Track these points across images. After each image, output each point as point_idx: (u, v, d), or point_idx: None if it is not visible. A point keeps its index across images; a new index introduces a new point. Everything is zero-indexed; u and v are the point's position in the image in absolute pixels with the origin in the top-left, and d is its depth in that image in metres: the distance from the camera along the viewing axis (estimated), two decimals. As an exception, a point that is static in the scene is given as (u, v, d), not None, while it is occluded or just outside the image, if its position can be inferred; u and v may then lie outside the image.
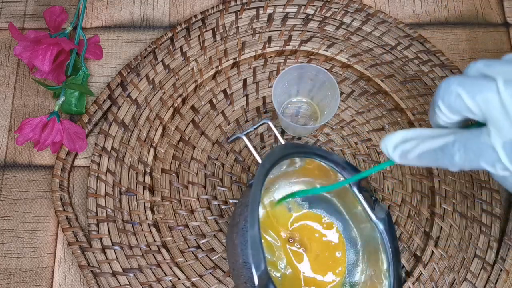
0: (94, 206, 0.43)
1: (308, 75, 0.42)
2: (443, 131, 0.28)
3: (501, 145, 0.24)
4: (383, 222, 0.38)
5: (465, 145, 0.26)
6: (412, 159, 0.28)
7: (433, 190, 0.44)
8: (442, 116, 0.28)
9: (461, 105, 0.26)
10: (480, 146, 0.25)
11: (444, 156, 0.26)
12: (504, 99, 0.24)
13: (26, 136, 0.43)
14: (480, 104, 0.25)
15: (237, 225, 0.33)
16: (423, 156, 0.27)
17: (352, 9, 0.50)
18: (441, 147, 0.27)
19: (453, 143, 0.26)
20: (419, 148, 0.27)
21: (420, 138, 0.28)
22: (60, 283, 0.42)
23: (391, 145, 0.29)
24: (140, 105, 0.46)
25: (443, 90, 0.26)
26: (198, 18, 0.49)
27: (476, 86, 0.25)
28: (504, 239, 0.43)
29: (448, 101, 0.26)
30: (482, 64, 0.26)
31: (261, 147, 0.46)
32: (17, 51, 0.44)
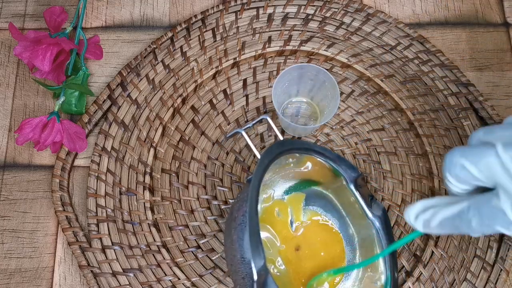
0: (94, 206, 0.43)
1: (308, 75, 0.42)
2: (458, 198, 0.28)
3: (510, 208, 0.25)
4: (379, 220, 0.38)
5: (479, 210, 0.26)
6: (435, 227, 0.28)
7: (433, 190, 0.44)
8: (452, 187, 0.28)
9: (466, 175, 0.27)
10: (492, 210, 0.26)
11: (462, 222, 0.27)
12: (505, 162, 0.25)
13: (26, 136, 0.43)
14: (483, 171, 0.26)
15: (235, 220, 0.33)
16: (444, 223, 0.28)
17: (352, 9, 0.50)
18: (458, 213, 0.27)
19: (468, 209, 0.27)
20: (439, 216, 0.28)
21: (439, 206, 0.28)
22: (60, 283, 0.42)
23: (412, 215, 0.29)
24: (140, 105, 0.46)
25: (448, 163, 0.27)
26: (198, 18, 0.49)
27: (477, 154, 0.26)
28: (504, 239, 0.43)
29: (455, 173, 0.27)
30: (482, 132, 0.27)
31: (261, 147, 0.46)
32: (17, 51, 0.44)
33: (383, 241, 0.38)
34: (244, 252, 0.31)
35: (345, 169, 0.39)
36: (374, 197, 0.40)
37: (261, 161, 0.34)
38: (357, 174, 0.39)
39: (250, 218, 0.31)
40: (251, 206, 0.31)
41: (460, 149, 0.27)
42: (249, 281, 0.31)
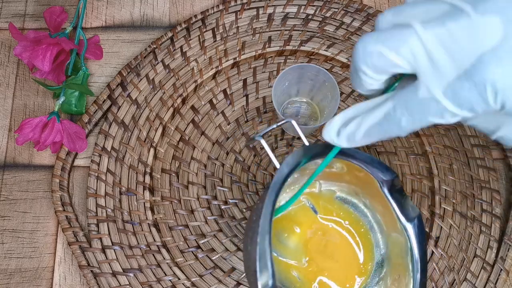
0: (94, 206, 0.43)
1: (308, 75, 0.42)
2: (378, 99, 0.26)
3: (442, 94, 0.23)
4: (413, 225, 0.35)
5: (406, 106, 0.24)
6: (361, 139, 0.26)
7: (433, 190, 0.44)
8: (368, 79, 0.25)
9: (386, 63, 0.24)
10: (422, 102, 0.23)
11: (390, 125, 0.25)
12: (428, 44, 0.22)
13: (26, 136, 0.43)
14: (407, 57, 0.23)
15: (251, 230, 0.31)
16: (370, 132, 0.26)
17: (352, 9, 0.50)
18: (385, 116, 0.25)
19: (394, 109, 0.25)
20: (363, 125, 0.26)
21: (360, 115, 0.26)
22: (60, 283, 0.42)
23: (333, 133, 0.27)
24: (140, 105, 0.46)
25: (362, 53, 0.24)
26: (198, 18, 0.49)
27: (395, 38, 0.23)
28: (504, 239, 0.43)
29: (372, 62, 0.24)
30: (391, 14, 0.24)
31: (261, 147, 0.46)
32: (17, 51, 0.44)
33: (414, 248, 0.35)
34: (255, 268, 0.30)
35: (378, 172, 0.35)
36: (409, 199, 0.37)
37: (280, 171, 0.31)
38: (391, 176, 0.36)
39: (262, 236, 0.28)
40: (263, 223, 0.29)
41: (374, 35, 0.24)
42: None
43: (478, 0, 0.21)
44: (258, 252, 0.28)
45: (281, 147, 0.46)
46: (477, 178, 0.45)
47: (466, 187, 0.45)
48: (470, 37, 0.21)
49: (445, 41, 0.22)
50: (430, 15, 0.23)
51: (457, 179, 0.45)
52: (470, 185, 0.45)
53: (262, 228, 0.29)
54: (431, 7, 0.23)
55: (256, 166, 0.45)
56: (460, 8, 0.22)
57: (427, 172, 0.45)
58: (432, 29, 0.22)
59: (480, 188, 0.45)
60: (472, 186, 0.45)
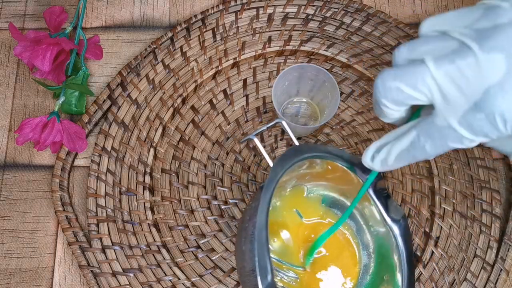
0: (94, 206, 0.43)
1: (308, 75, 0.42)
2: (404, 127, 0.29)
3: (457, 124, 0.25)
4: (399, 225, 0.37)
5: (428, 134, 0.27)
6: (393, 164, 0.29)
7: (433, 190, 0.44)
8: (390, 111, 0.28)
9: (404, 97, 0.26)
10: (441, 130, 0.26)
11: (416, 151, 0.28)
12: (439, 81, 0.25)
13: (26, 136, 0.43)
14: (424, 91, 0.26)
15: (246, 230, 0.32)
16: (400, 157, 0.29)
17: (352, 9, 0.50)
18: (411, 144, 0.28)
19: (418, 137, 0.27)
20: (393, 152, 0.29)
21: (390, 143, 0.29)
22: (60, 283, 0.42)
23: (368, 158, 0.31)
24: (140, 105, 0.46)
25: (382, 89, 0.27)
26: (198, 18, 0.49)
27: (411, 75, 0.26)
28: (504, 239, 0.43)
29: (391, 97, 0.27)
30: (406, 50, 0.27)
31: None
32: (17, 51, 0.44)
33: (401, 248, 0.36)
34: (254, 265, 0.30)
35: (363, 173, 0.37)
36: (394, 201, 0.38)
37: (273, 170, 0.32)
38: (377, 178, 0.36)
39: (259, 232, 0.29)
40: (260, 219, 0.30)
41: (391, 72, 0.27)
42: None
43: (483, 38, 0.24)
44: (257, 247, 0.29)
45: (281, 147, 0.46)
46: (477, 178, 0.45)
47: (466, 187, 0.45)
48: (477, 73, 0.24)
49: (455, 77, 0.24)
50: (441, 51, 0.25)
51: (457, 179, 0.45)
52: (470, 185, 0.45)
53: (259, 224, 0.30)
54: (442, 44, 0.25)
55: (256, 166, 0.45)
56: (468, 46, 0.24)
57: (427, 172, 0.45)
58: (443, 67, 0.25)
59: (480, 188, 0.45)
60: (472, 186, 0.45)
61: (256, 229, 0.30)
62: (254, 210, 0.31)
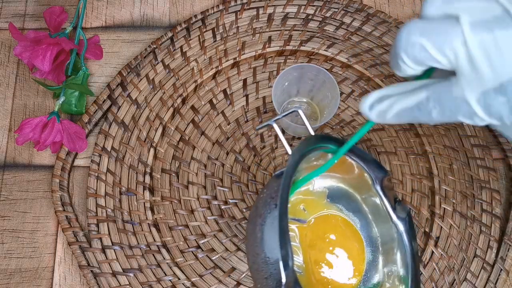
0: (94, 206, 0.43)
1: (308, 75, 0.42)
2: (414, 84, 0.26)
3: (475, 100, 0.23)
4: (404, 223, 0.36)
5: (439, 101, 0.25)
6: (391, 118, 0.27)
7: (433, 190, 0.44)
8: (407, 68, 0.26)
9: (427, 56, 0.24)
10: (455, 100, 0.24)
11: (421, 113, 0.26)
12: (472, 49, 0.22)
13: (26, 136, 0.43)
14: (449, 56, 0.23)
15: (260, 216, 0.31)
16: (401, 114, 0.27)
17: (352, 9, 0.50)
18: (417, 104, 0.26)
19: (427, 100, 0.25)
20: (395, 107, 0.26)
21: (395, 96, 0.27)
22: (60, 283, 0.42)
23: (367, 105, 0.28)
24: (140, 105, 0.46)
25: (405, 42, 0.24)
26: (198, 18, 0.49)
27: (441, 35, 0.23)
28: (504, 239, 0.43)
29: (413, 54, 0.24)
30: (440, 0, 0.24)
31: (261, 147, 0.46)
32: (17, 51, 0.44)
33: (406, 245, 0.36)
34: (269, 252, 0.30)
35: (372, 168, 0.37)
36: (399, 199, 0.38)
37: (292, 157, 0.32)
38: (384, 174, 0.37)
39: (281, 217, 0.29)
40: (282, 203, 0.29)
41: (419, 26, 0.24)
42: (273, 282, 0.29)
43: None
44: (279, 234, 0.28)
45: (281, 147, 0.46)
46: (477, 178, 0.45)
47: (466, 187, 0.45)
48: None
49: (489, 50, 0.22)
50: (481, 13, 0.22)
51: (457, 179, 0.45)
52: (470, 185, 0.45)
53: (280, 211, 0.29)
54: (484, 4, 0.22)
55: (256, 166, 0.45)
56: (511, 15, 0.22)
57: (427, 172, 0.45)
58: (479, 34, 0.22)
59: (480, 188, 0.45)
60: (472, 186, 0.45)
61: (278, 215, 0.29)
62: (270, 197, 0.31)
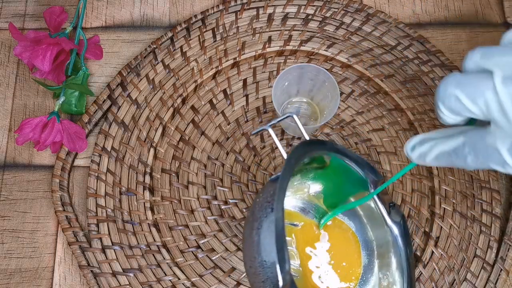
0: (94, 206, 0.43)
1: (308, 75, 0.42)
2: (454, 130, 0.28)
3: (506, 150, 0.24)
4: (398, 226, 0.37)
5: (474, 147, 0.26)
6: (430, 161, 0.29)
7: (433, 190, 0.44)
8: (445, 117, 0.28)
9: (462, 108, 0.25)
10: (487, 148, 0.25)
11: (457, 158, 0.27)
12: (502, 100, 0.23)
13: (26, 136, 0.43)
14: (481, 107, 0.24)
15: (257, 221, 0.32)
16: (439, 158, 0.28)
17: (352, 9, 0.50)
18: (454, 149, 0.27)
19: (463, 146, 0.26)
20: (435, 150, 0.28)
21: (436, 140, 0.28)
22: (60, 283, 0.42)
23: (409, 147, 0.30)
24: (140, 105, 0.46)
25: (442, 93, 0.26)
26: (198, 18, 0.49)
27: (474, 88, 0.24)
28: (504, 239, 0.43)
29: (449, 105, 0.26)
30: (479, 55, 0.25)
31: (261, 147, 0.46)
32: (17, 51, 0.44)
33: (401, 249, 0.37)
34: (266, 255, 0.30)
35: (366, 172, 0.37)
36: (394, 203, 0.38)
37: (288, 161, 0.32)
38: (378, 178, 0.37)
39: (277, 221, 0.29)
40: (277, 208, 0.30)
41: (456, 78, 0.25)
42: (270, 285, 0.30)
43: None
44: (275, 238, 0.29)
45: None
46: (477, 178, 0.45)
47: (466, 187, 0.45)
48: None
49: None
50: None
51: (457, 179, 0.45)
52: (470, 185, 0.45)
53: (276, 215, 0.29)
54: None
55: (256, 166, 0.45)
56: None
57: (427, 172, 0.45)
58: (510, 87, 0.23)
59: (480, 188, 0.45)
60: (472, 186, 0.45)
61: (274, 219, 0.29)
62: (266, 201, 0.31)
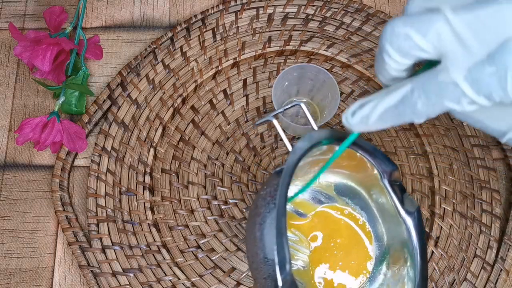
0: (94, 206, 0.43)
1: (308, 75, 0.42)
2: (398, 84, 0.26)
3: (462, 78, 0.23)
4: (412, 218, 0.35)
5: (424, 89, 0.24)
6: (374, 123, 0.26)
7: (433, 190, 0.44)
8: (392, 63, 0.25)
9: (412, 45, 0.24)
10: (440, 85, 0.23)
11: (405, 108, 0.25)
12: (456, 27, 0.22)
13: (26, 136, 0.43)
14: (433, 40, 0.23)
15: (260, 216, 0.31)
16: (384, 116, 0.26)
17: (352, 9, 0.50)
18: (401, 99, 0.25)
19: (411, 91, 0.24)
20: (378, 108, 0.26)
21: (377, 99, 0.26)
22: (60, 283, 0.42)
23: (349, 113, 0.27)
24: (140, 105, 0.46)
25: (389, 34, 0.24)
26: (198, 18, 0.49)
27: (424, 23, 0.23)
28: (504, 239, 0.43)
29: (398, 44, 0.24)
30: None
31: (261, 147, 0.46)
32: (17, 51, 0.44)
33: (414, 241, 0.35)
34: (268, 253, 0.29)
35: (379, 162, 0.35)
36: (408, 194, 0.37)
37: (293, 153, 0.31)
38: (392, 168, 0.36)
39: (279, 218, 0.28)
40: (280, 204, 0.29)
41: (402, 18, 0.24)
42: (271, 283, 0.29)
43: None
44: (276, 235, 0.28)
45: (281, 147, 0.46)
46: (477, 178, 0.45)
47: (466, 187, 0.45)
48: (498, 22, 0.21)
49: (473, 26, 0.22)
50: (461, 1, 0.23)
51: (457, 179, 0.45)
52: (470, 185, 0.45)
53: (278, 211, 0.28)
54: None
55: (256, 166, 0.45)
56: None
57: (427, 172, 0.45)
58: (461, 15, 0.22)
59: (480, 188, 0.45)
60: (472, 186, 0.45)
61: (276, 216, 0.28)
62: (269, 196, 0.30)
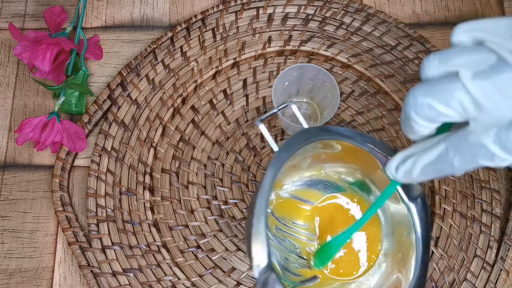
0: (94, 206, 0.43)
1: (308, 75, 0.42)
2: (432, 140, 0.28)
3: (492, 142, 0.24)
4: (416, 204, 0.35)
5: (458, 149, 0.26)
6: (417, 176, 0.28)
7: (433, 190, 0.44)
8: (420, 128, 0.27)
9: (437, 113, 0.25)
10: (472, 146, 0.25)
11: (444, 165, 0.27)
12: (475, 96, 0.23)
13: (26, 136, 0.43)
14: (457, 108, 0.24)
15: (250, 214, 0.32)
16: (426, 170, 0.28)
17: (352, 9, 0.50)
18: (438, 157, 0.27)
19: (447, 151, 0.26)
20: (419, 163, 0.28)
21: (417, 154, 0.28)
22: (60, 283, 0.42)
23: (393, 168, 0.30)
24: (140, 105, 0.46)
25: (413, 104, 0.26)
26: (198, 18, 0.49)
27: (443, 91, 0.25)
28: (504, 239, 0.43)
29: (423, 113, 0.26)
30: (436, 62, 0.25)
31: (261, 147, 0.46)
32: (17, 51, 0.44)
33: (418, 226, 0.35)
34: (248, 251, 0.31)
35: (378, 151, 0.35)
36: None
37: (277, 157, 0.31)
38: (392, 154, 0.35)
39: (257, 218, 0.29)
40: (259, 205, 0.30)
41: (423, 88, 0.25)
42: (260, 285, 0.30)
43: None
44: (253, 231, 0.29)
45: (281, 147, 0.46)
46: (477, 178, 0.45)
47: (466, 187, 0.45)
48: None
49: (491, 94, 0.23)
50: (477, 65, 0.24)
51: (457, 179, 0.45)
52: (470, 185, 0.45)
53: (257, 209, 0.29)
54: (478, 57, 0.24)
55: (256, 166, 0.45)
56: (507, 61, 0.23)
57: (427, 172, 0.45)
58: (479, 82, 0.23)
59: (480, 188, 0.45)
60: (472, 186, 0.45)
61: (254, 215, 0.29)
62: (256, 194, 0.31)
